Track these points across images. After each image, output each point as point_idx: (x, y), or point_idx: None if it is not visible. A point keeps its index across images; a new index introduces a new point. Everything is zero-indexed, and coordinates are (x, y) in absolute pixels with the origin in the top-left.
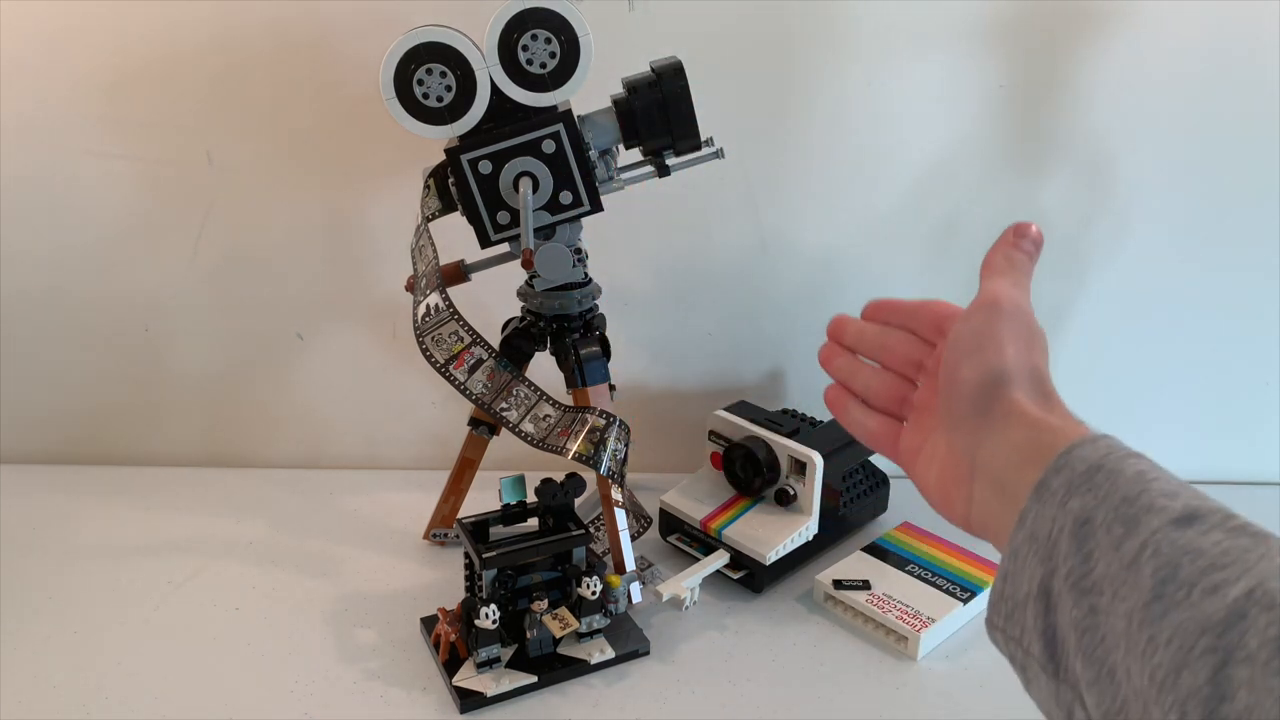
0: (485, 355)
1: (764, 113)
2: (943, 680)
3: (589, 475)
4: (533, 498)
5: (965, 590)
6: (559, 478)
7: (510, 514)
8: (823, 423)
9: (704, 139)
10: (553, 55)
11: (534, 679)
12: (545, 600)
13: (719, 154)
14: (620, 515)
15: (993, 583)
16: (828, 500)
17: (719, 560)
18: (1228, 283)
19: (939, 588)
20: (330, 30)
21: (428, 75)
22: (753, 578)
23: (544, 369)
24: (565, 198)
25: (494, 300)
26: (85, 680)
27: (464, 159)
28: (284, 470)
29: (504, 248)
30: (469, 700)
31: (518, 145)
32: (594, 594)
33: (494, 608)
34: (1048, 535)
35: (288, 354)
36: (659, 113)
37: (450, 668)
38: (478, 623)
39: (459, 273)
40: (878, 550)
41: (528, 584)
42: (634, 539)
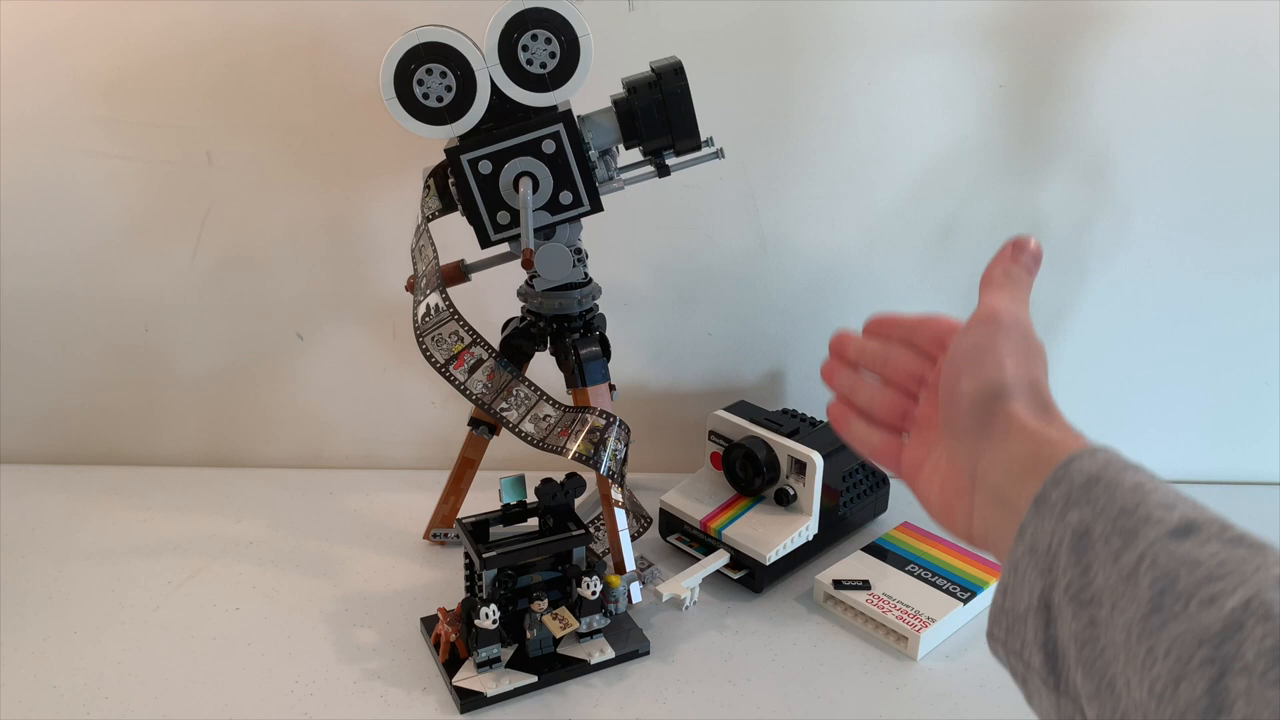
0: (485, 355)
1: (764, 113)
2: (943, 680)
3: (589, 475)
4: (533, 498)
5: (965, 590)
6: (559, 478)
7: (510, 514)
8: (822, 423)
9: (704, 139)
10: (553, 55)
11: (534, 679)
12: (545, 600)
13: (719, 154)
14: (620, 515)
15: (993, 596)
16: (828, 500)
17: (719, 560)
18: (1228, 283)
19: (939, 588)
20: (330, 30)
21: (428, 75)
22: (753, 578)
23: (544, 369)
24: (565, 198)
25: (494, 300)
26: (85, 680)
27: (464, 159)
28: (284, 470)
29: (504, 248)
30: (469, 700)
31: (518, 145)
32: (594, 594)
33: (494, 608)
34: (1047, 548)
35: (288, 354)
36: (659, 113)
37: (450, 668)
38: (478, 623)
39: (459, 273)
40: (878, 550)
41: (528, 584)
42: (634, 539)
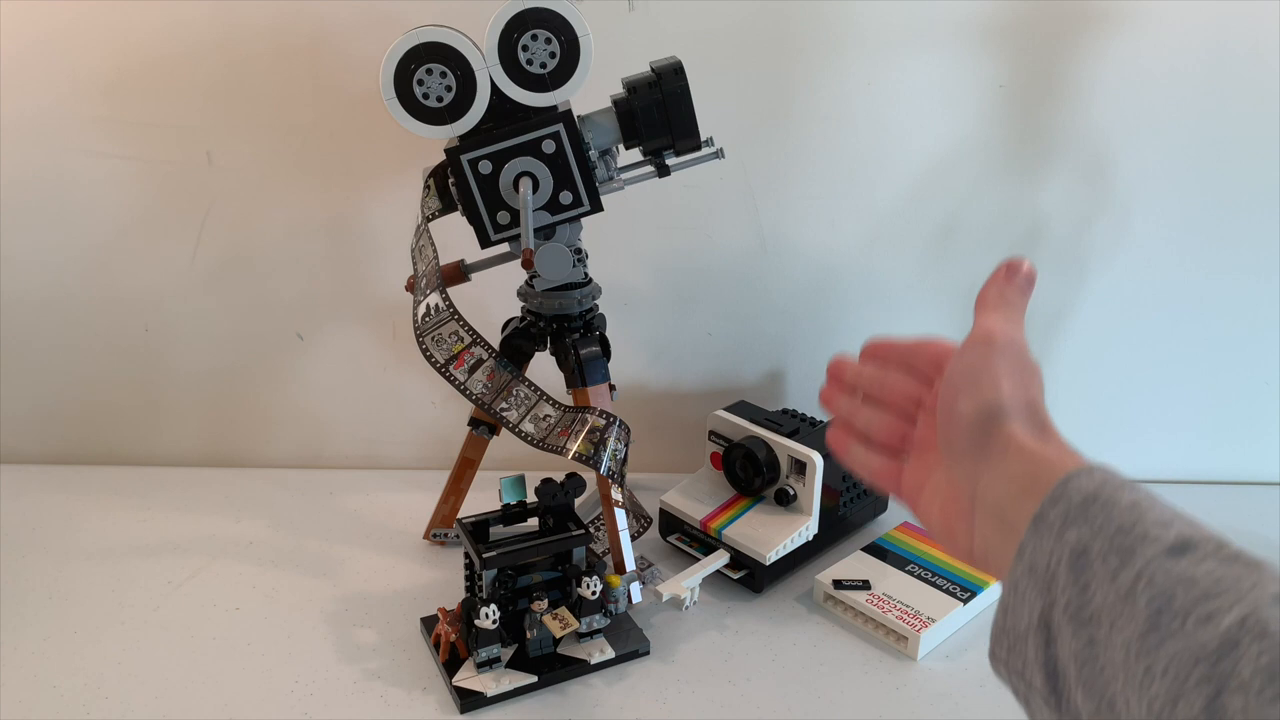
0: (485, 355)
1: (764, 113)
2: (943, 680)
3: (589, 475)
4: (533, 498)
5: (965, 590)
6: (559, 478)
7: (510, 514)
8: (822, 423)
9: (704, 139)
10: (553, 55)
11: (534, 679)
12: (545, 600)
13: (719, 154)
14: (620, 515)
15: (994, 616)
16: (828, 500)
17: (719, 560)
18: (1228, 283)
19: (939, 588)
20: (330, 30)
21: (428, 75)
22: (753, 578)
23: (544, 369)
24: (565, 198)
25: (494, 300)
26: (85, 680)
27: (464, 159)
28: (284, 470)
29: (504, 248)
30: (469, 700)
31: (518, 145)
32: (594, 594)
33: (494, 608)
34: (1046, 567)
35: (288, 354)
36: (659, 113)
37: (450, 668)
38: (478, 623)
39: (459, 273)
40: (878, 550)
41: (528, 584)
42: (634, 539)
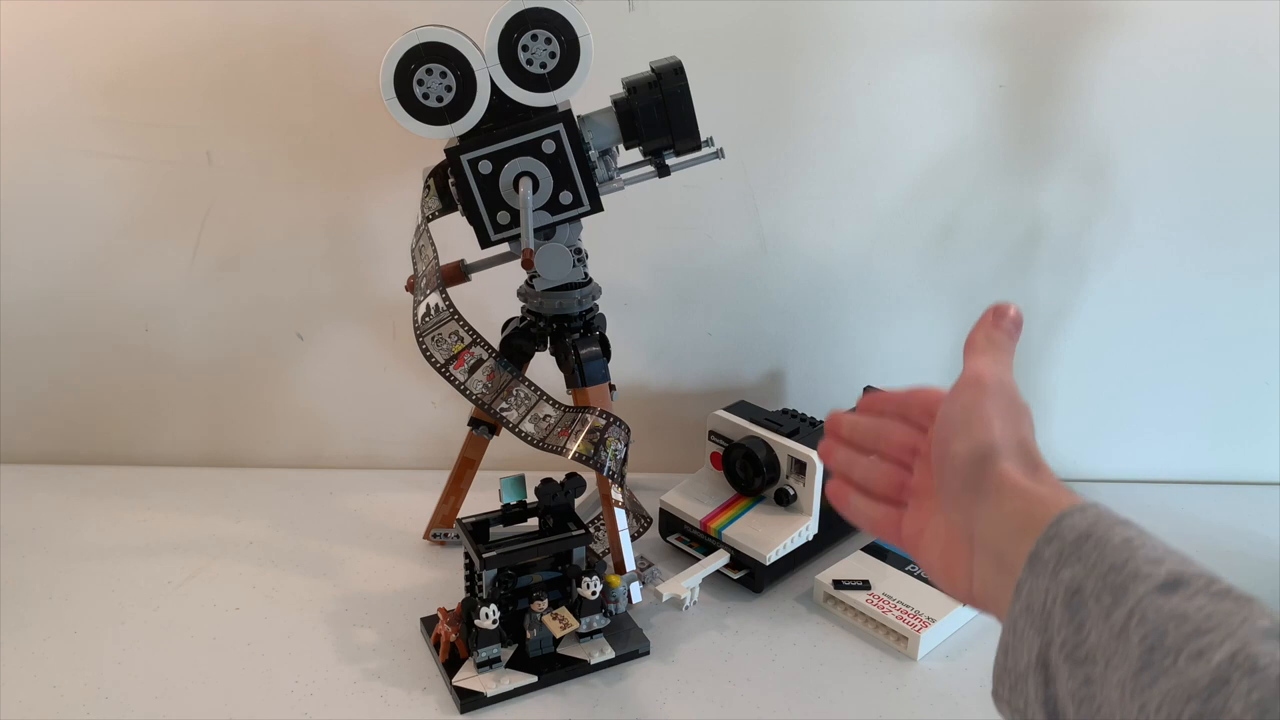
0: (485, 355)
1: (764, 113)
2: (943, 680)
3: (589, 475)
4: (533, 498)
5: None
6: (559, 478)
7: (510, 514)
8: (822, 422)
9: (704, 139)
10: (553, 55)
11: (534, 679)
12: (545, 600)
13: (719, 154)
14: (620, 515)
15: (995, 655)
16: (827, 500)
17: (719, 560)
18: (1228, 283)
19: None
20: (330, 30)
21: (428, 75)
22: (753, 578)
23: (544, 369)
24: (565, 198)
25: (494, 300)
26: (85, 680)
27: (464, 159)
28: (284, 470)
29: (504, 248)
30: (469, 700)
31: (518, 145)
32: (594, 594)
33: (494, 608)
34: (1042, 606)
35: (288, 354)
36: (659, 113)
37: (450, 668)
38: (478, 623)
39: (459, 273)
40: (878, 550)
41: (528, 584)
42: (634, 539)
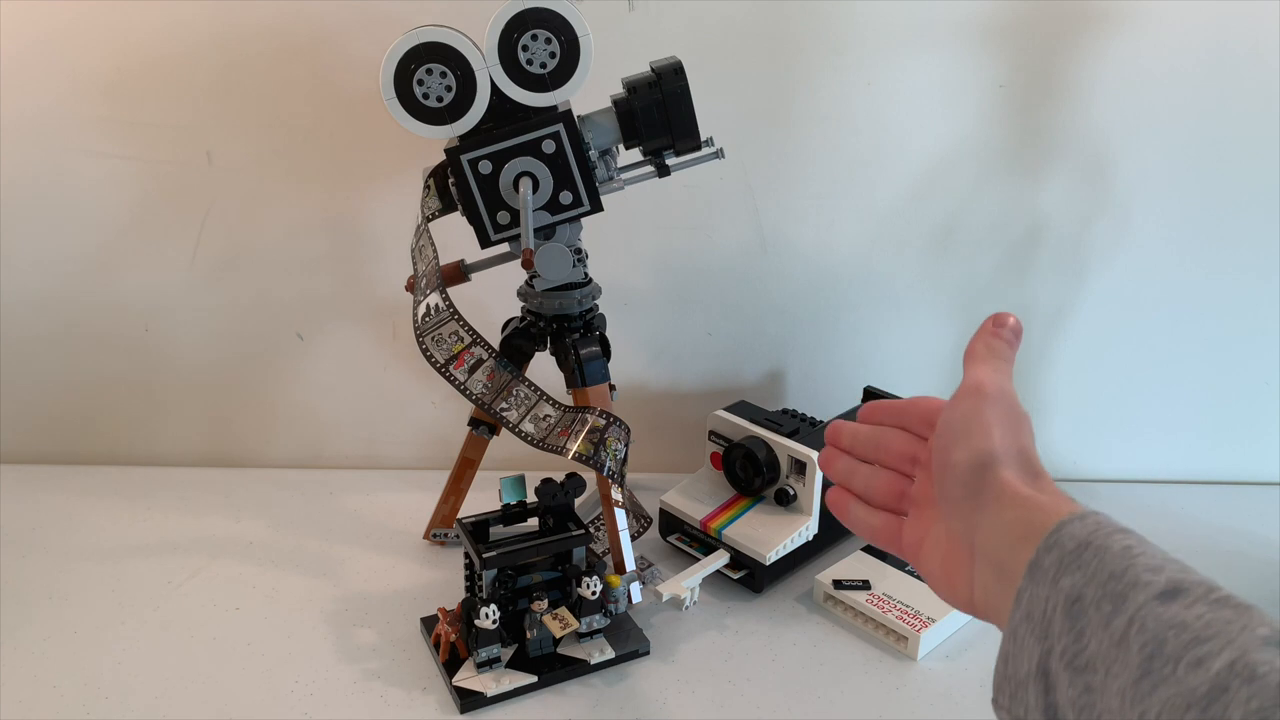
0: (485, 355)
1: (764, 112)
2: (943, 680)
3: (589, 475)
4: (533, 498)
5: None
6: (559, 478)
7: (510, 514)
8: (822, 423)
9: (704, 139)
10: (553, 55)
11: (534, 679)
12: (545, 600)
13: (719, 154)
14: (620, 515)
15: (996, 663)
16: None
17: (719, 560)
18: (1228, 283)
19: None
20: (330, 30)
21: (428, 75)
22: (753, 578)
23: (544, 369)
24: (565, 198)
25: (494, 300)
26: (85, 680)
27: (464, 159)
28: (284, 470)
29: (504, 248)
30: (469, 700)
31: (518, 145)
32: (594, 594)
33: (494, 608)
34: (1042, 614)
35: (288, 354)
36: (659, 113)
37: (450, 668)
38: (478, 623)
39: (459, 273)
40: (878, 550)
41: (528, 584)
42: (634, 539)
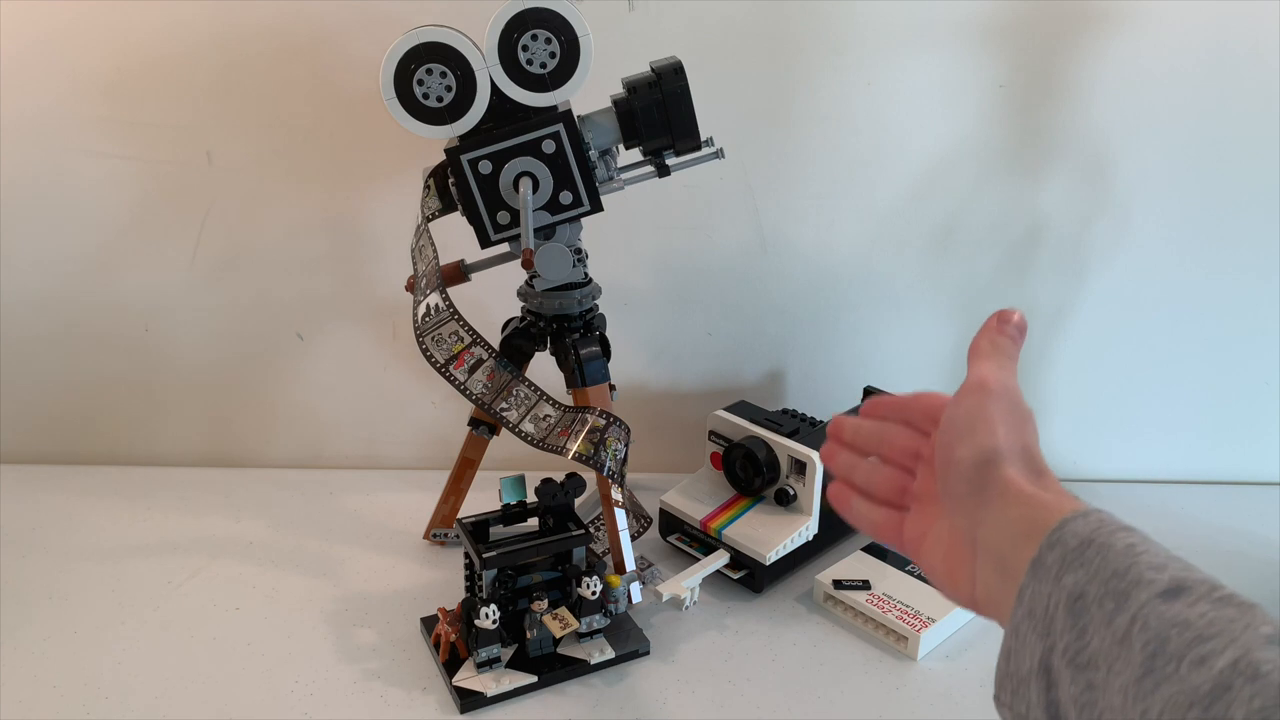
0: (485, 355)
1: (764, 112)
2: (943, 680)
3: (589, 475)
4: (533, 498)
5: None
6: (559, 478)
7: (510, 514)
8: (822, 423)
9: (704, 139)
10: (553, 55)
11: (534, 679)
12: (545, 600)
13: (719, 154)
14: (620, 515)
15: (998, 659)
16: (827, 500)
17: (719, 560)
18: (1228, 283)
19: None
20: (330, 30)
21: (428, 75)
22: (753, 578)
23: (544, 369)
24: (565, 198)
25: (494, 300)
26: (85, 680)
27: (464, 159)
28: (284, 470)
29: (504, 248)
30: (469, 700)
31: (518, 145)
32: (594, 594)
33: (494, 608)
34: (1045, 611)
35: (288, 354)
36: (659, 113)
37: (450, 668)
38: (478, 623)
39: (459, 273)
40: (878, 550)
41: (528, 584)
42: (634, 539)
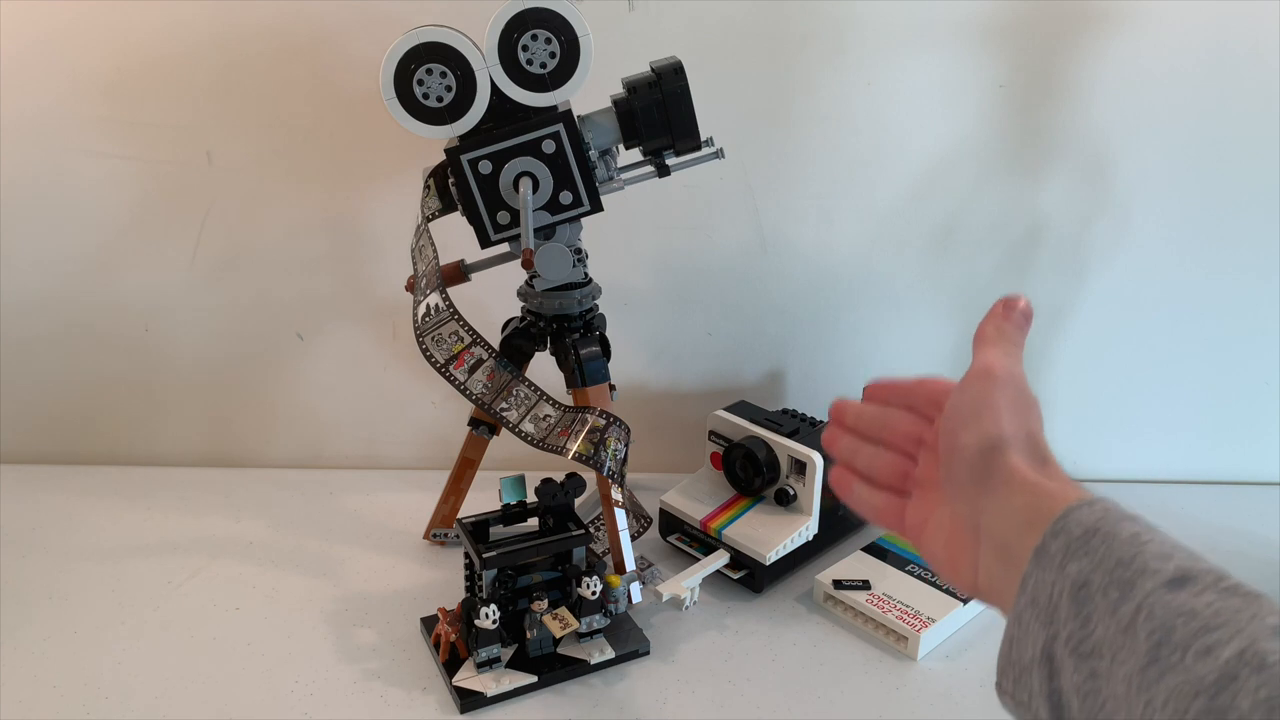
0: (485, 355)
1: (764, 112)
2: (943, 680)
3: (589, 475)
4: (533, 498)
5: None
6: (559, 478)
7: (510, 514)
8: (822, 423)
9: (704, 139)
10: (553, 55)
11: (534, 679)
12: (545, 600)
13: (719, 154)
14: (620, 515)
15: (1000, 647)
16: (828, 500)
17: (719, 560)
18: (1228, 283)
19: (939, 588)
20: (330, 30)
21: (428, 75)
22: (753, 578)
23: (544, 369)
24: (565, 198)
25: (494, 300)
26: (85, 680)
27: (464, 159)
28: (284, 470)
29: (504, 248)
30: (469, 700)
31: (518, 145)
32: (594, 594)
33: (494, 608)
34: (1048, 599)
35: (288, 354)
36: (659, 113)
37: (450, 668)
38: (478, 623)
39: (459, 273)
40: (878, 550)
41: (528, 584)
42: (634, 539)
